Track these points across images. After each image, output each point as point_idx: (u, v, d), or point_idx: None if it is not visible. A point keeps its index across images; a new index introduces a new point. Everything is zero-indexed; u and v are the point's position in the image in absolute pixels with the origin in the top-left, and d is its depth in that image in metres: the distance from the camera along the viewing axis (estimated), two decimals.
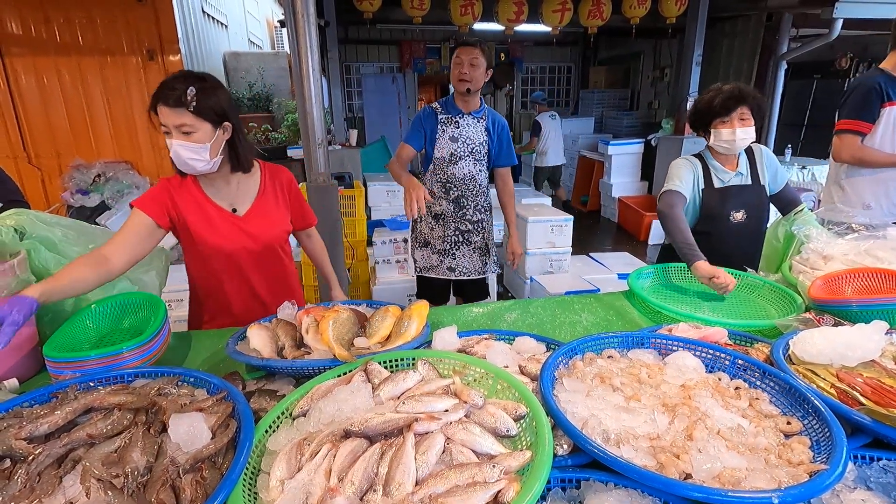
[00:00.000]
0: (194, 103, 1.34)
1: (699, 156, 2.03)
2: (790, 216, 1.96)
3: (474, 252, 2.55)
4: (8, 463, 0.82)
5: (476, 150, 2.41)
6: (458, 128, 2.38)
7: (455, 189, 2.44)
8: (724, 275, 1.62)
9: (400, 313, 1.31)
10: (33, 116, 4.70)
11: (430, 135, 2.41)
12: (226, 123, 1.43)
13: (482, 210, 2.54)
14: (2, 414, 0.92)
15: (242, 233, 1.57)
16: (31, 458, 0.80)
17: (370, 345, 1.20)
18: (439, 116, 2.39)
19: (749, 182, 1.99)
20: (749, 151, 2.01)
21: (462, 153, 2.40)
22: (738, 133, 1.86)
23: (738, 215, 1.97)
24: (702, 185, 1.99)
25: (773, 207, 2.10)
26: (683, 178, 1.96)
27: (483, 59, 2.28)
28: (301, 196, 1.73)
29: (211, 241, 1.54)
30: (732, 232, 1.98)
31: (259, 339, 1.22)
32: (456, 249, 2.53)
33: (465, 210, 2.48)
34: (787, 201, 2.05)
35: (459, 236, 2.52)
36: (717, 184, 1.98)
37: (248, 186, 1.61)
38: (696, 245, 1.75)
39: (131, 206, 1.47)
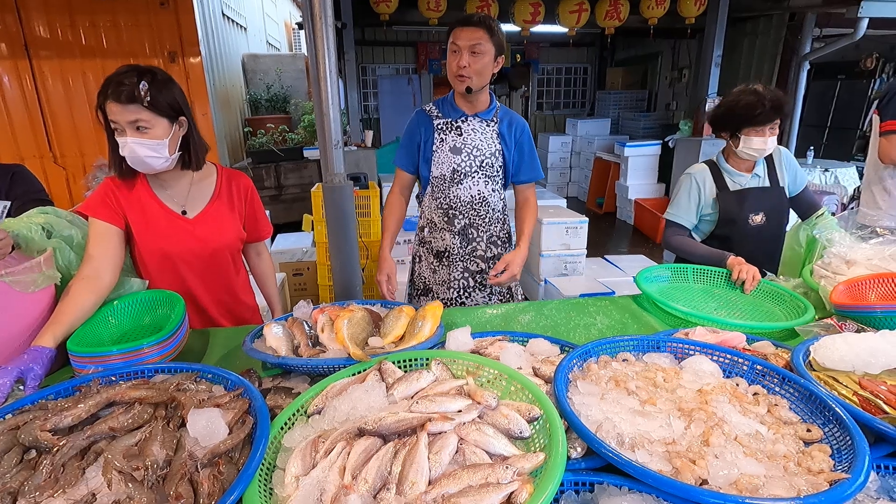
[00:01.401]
0: (148, 98, 1.29)
1: (710, 161, 2.01)
2: (811, 220, 1.93)
3: (490, 298, 1.98)
4: (33, 454, 0.84)
5: (487, 162, 1.85)
6: (462, 135, 1.82)
7: (461, 217, 1.89)
8: (748, 269, 1.69)
9: (414, 313, 1.31)
10: (59, 117, 4.82)
11: (424, 147, 1.86)
12: (181, 118, 1.40)
13: (499, 242, 1.97)
14: (28, 406, 0.95)
15: (190, 236, 1.52)
16: (55, 449, 0.82)
17: (384, 344, 1.20)
18: (435, 122, 1.84)
19: (767, 184, 1.96)
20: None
21: (468, 168, 1.83)
22: (769, 143, 1.85)
23: (758, 218, 1.94)
24: (714, 192, 1.97)
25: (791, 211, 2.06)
26: (681, 204, 2.02)
27: (490, 43, 1.68)
28: (259, 206, 1.69)
29: (151, 242, 1.50)
30: (751, 235, 1.95)
31: (275, 338, 1.24)
32: (466, 297, 1.96)
33: (475, 244, 1.92)
34: (806, 205, 2.02)
35: (469, 279, 1.95)
36: (732, 187, 1.96)
37: (202, 189, 1.56)
38: (714, 250, 1.86)
39: (80, 214, 1.45)
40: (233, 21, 6.35)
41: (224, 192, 1.59)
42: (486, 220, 1.92)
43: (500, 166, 1.89)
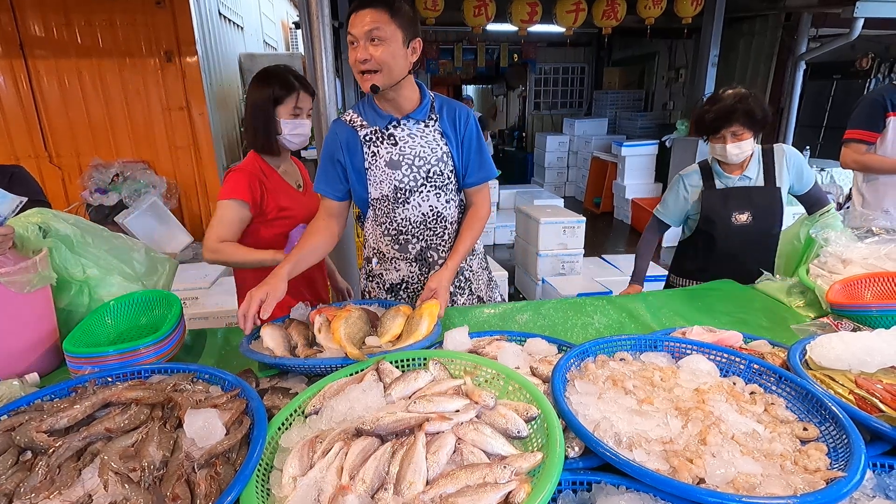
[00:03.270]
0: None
1: (703, 162, 2.03)
2: (814, 216, 1.92)
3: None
4: (29, 455, 0.84)
5: (434, 171, 1.53)
6: (397, 144, 1.50)
7: (414, 241, 1.60)
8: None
9: (411, 312, 1.31)
10: (54, 117, 4.80)
11: (353, 166, 1.53)
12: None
13: (470, 257, 1.73)
14: (23, 407, 0.94)
15: (305, 209, 1.72)
16: (51, 450, 0.82)
17: (381, 343, 1.20)
18: (361, 133, 1.50)
19: (760, 184, 1.95)
20: (768, 152, 1.97)
21: (412, 184, 1.52)
22: (730, 149, 1.84)
23: (742, 217, 1.93)
24: (699, 191, 1.98)
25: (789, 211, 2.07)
26: (668, 204, 2.07)
27: (394, 25, 1.34)
28: None
29: (290, 218, 1.71)
30: (735, 233, 1.95)
31: (272, 338, 1.24)
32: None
33: (437, 267, 1.62)
34: (814, 201, 2.01)
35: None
36: (718, 185, 1.96)
37: (292, 164, 1.82)
38: (641, 271, 2.10)
39: (235, 200, 1.61)
40: (229, 20, 6.32)
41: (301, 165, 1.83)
42: (446, 237, 1.62)
43: (451, 172, 1.57)
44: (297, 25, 8.17)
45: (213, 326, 1.75)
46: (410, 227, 1.58)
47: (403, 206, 1.55)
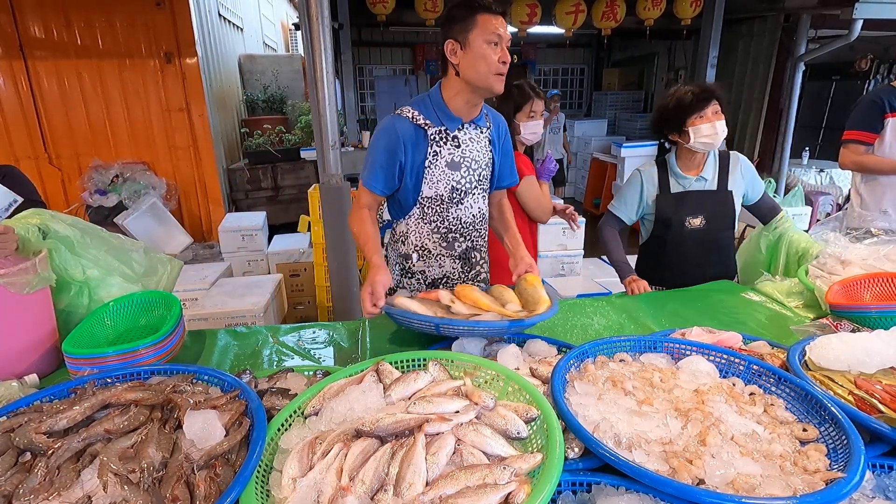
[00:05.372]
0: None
1: (662, 161, 2.01)
2: (771, 225, 1.95)
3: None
4: (28, 456, 0.84)
5: (484, 175, 1.63)
6: (459, 147, 1.55)
7: (462, 240, 1.66)
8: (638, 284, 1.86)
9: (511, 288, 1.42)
10: (54, 118, 4.79)
11: (413, 165, 1.54)
12: None
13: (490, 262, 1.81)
14: (23, 409, 0.94)
15: None
16: (50, 452, 0.82)
17: (518, 310, 1.28)
18: (428, 131, 1.52)
19: (714, 188, 1.94)
20: (723, 157, 1.97)
21: (468, 185, 1.59)
22: (718, 126, 1.83)
23: (696, 221, 1.93)
24: (656, 192, 1.97)
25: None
26: (625, 200, 2.05)
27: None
28: None
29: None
30: (689, 237, 1.94)
31: (417, 306, 1.30)
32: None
33: (478, 267, 1.72)
34: (767, 210, 2.01)
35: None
36: (674, 189, 1.95)
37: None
38: (625, 264, 2.01)
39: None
40: (229, 21, 6.33)
41: None
42: (484, 237, 1.73)
43: (489, 176, 1.68)
44: (297, 27, 8.17)
45: (212, 327, 1.75)
46: (461, 226, 1.64)
47: (457, 206, 1.61)
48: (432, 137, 1.52)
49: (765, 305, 1.65)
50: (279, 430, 0.91)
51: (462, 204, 1.61)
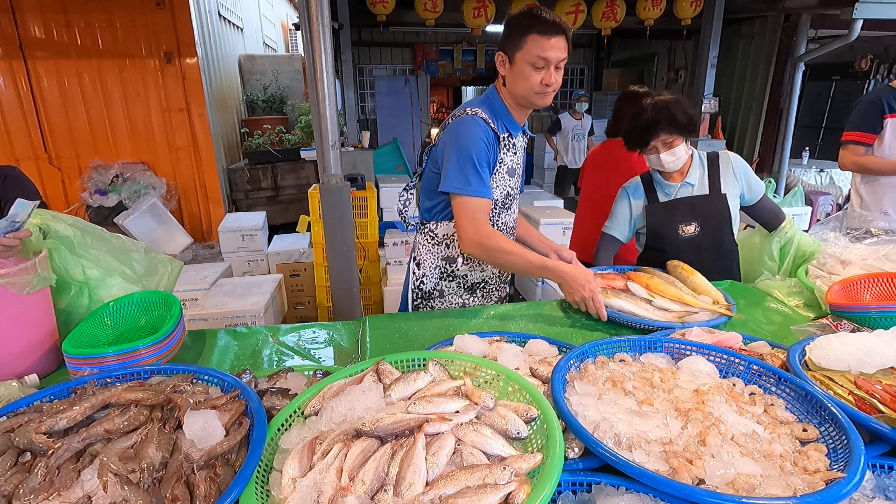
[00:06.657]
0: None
1: (645, 173, 1.97)
2: (780, 231, 1.90)
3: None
4: (28, 456, 0.84)
5: (521, 182, 1.71)
6: (516, 154, 1.60)
7: None
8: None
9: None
10: (54, 118, 4.80)
11: (489, 169, 1.56)
12: None
13: None
14: (23, 408, 0.94)
15: None
16: (50, 452, 0.82)
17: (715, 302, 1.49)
18: (501, 138, 1.54)
19: (705, 192, 1.88)
20: (713, 159, 1.91)
21: (517, 191, 1.66)
22: (664, 158, 1.80)
23: (690, 228, 1.87)
24: (644, 203, 1.92)
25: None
26: (616, 218, 1.99)
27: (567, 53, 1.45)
28: None
29: None
30: (684, 246, 1.87)
31: (633, 308, 1.48)
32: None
33: (507, 273, 1.78)
34: (767, 214, 1.96)
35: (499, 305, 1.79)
36: (661, 198, 1.91)
37: None
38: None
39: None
40: (229, 22, 6.33)
41: None
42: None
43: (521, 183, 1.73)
44: (297, 27, 8.18)
45: (212, 327, 1.75)
46: (507, 231, 1.68)
47: (507, 211, 1.65)
48: (503, 143, 1.54)
49: (765, 305, 1.65)
50: (279, 430, 0.91)
51: (510, 209, 1.66)
